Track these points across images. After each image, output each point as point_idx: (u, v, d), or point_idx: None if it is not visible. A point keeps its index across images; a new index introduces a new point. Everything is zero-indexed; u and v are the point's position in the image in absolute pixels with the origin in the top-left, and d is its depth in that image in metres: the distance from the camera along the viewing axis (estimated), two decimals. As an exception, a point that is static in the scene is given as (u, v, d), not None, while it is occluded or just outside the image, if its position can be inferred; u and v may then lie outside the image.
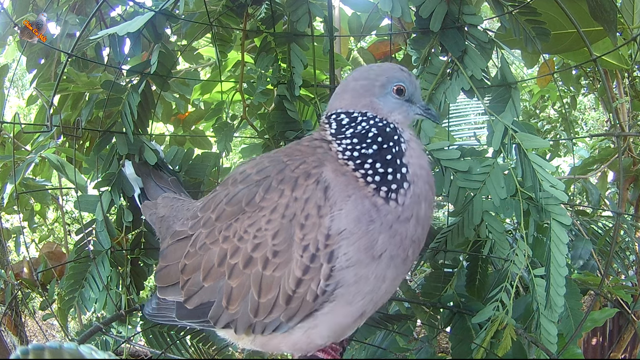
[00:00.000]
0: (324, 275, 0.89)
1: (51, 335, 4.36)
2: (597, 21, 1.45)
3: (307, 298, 0.91)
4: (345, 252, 0.89)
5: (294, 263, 0.91)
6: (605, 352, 2.81)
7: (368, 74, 1.04)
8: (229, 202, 1.01)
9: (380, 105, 1.01)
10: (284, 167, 0.97)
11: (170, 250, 1.12)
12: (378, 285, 0.93)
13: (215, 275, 1.00)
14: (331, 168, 0.94)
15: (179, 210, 1.26)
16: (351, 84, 1.04)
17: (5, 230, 2.92)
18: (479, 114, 4.37)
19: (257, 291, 0.94)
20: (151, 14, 1.44)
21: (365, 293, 0.93)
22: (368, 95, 1.01)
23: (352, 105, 1.01)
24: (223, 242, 0.99)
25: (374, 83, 1.01)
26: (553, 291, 1.26)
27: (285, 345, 1.02)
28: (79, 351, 0.60)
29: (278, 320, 0.95)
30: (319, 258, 0.89)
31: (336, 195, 0.91)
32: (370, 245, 0.89)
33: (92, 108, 1.94)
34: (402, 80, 1.02)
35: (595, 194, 2.60)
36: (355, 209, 0.89)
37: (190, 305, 1.04)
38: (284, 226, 0.92)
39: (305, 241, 0.90)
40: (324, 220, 0.89)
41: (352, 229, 0.89)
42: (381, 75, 1.02)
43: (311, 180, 0.93)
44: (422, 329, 1.98)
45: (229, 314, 0.99)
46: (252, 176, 1.01)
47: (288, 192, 0.93)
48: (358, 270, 0.90)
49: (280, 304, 0.93)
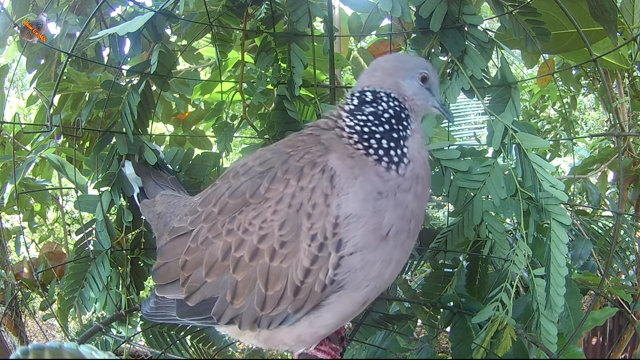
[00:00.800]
0: (333, 264, 0.89)
1: (51, 335, 4.36)
2: (597, 21, 1.45)
3: (316, 288, 0.91)
4: (353, 236, 0.89)
5: (301, 253, 0.90)
6: (605, 352, 2.81)
7: (399, 57, 1.15)
8: (232, 195, 1.00)
9: (405, 87, 1.05)
10: (288, 158, 0.97)
11: (169, 247, 1.10)
12: (384, 269, 0.93)
13: (219, 269, 0.98)
14: (336, 155, 0.95)
15: (175, 206, 1.25)
16: (382, 63, 1.09)
17: (5, 231, 2.92)
18: (479, 114, 4.37)
19: (264, 283, 0.94)
20: (151, 14, 1.44)
21: (370, 279, 0.93)
22: (395, 76, 1.05)
23: (379, 83, 1.04)
24: (227, 235, 0.98)
25: (403, 65, 1.07)
26: (553, 291, 1.26)
27: (289, 337, 1.01)
28: (79, 351, 0.60)
29: (285, 313, 0.94)
30: (327, 247, 0.89)
31: (342, 181, 0.91)
32: (379, 224, 0.90)
33: (92, 108, 1.94)
34: (427, 69, 1.08)
35: (595, 194, 2.60)
36: (362, 190, 0.90)
37: (191, 302, 1.03)
38: (290, 216, 0.91)
39: (313, 230, 0.89)
40: (331, 209, 0.89)
41: (359, 213, 0.89)
42: (410, 61, 1.10)
43: (317, 169, 0.93)
44: (423, 329, 1.98)
45: (234, 309, 0.97)
46: (255, 168, 1.00)
47: (294, 182, 0.93)
48: (365, 255, 0.90)
49: (288, 296, 0.92)
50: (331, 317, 0.97)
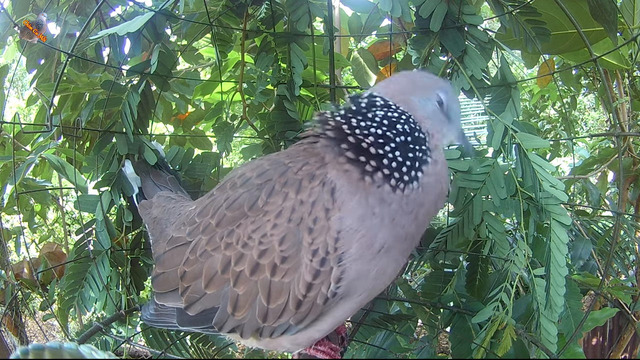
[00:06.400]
0: (335, 278, 0.88)
1: (51, 336, 4.36)
2: (598, 21, 1.45)
3: (318, 301, 0.90)
4: (349, 248, 0.88)
5: (303, 268, 0.89)
6: (605, 352, 2.81)
7: (418, 73, 1.07)
8: (230, 207, 0.98)
9: (417, 105, 0.96)
10: (286, 170, 0.95)
11: (167, 256, 1.09)
12: (377, 279, 0.93)
13: (219, 282, 0.97)
14: (334, 165, 0.92)
15: (171, 213, 1.24)
16: (399, 77, 1.04)
17: (5, 231, 2.91)
18: (479, 114, 4.37)
19: (265, 297, 0.93)
20: (151, 14, 1.44)
21: (363, 288, 0.93)
22: (409, 92, 0.98)
23: (392, 94, 0.97)
24: (225, 249, 0.97)
25: (419, 83, 1.00)
26: (553, 291, 1.26)
27: (286, 341, 1.02)
28: (79, 351, 0.60)
29: (287, 324, 0.94)
30: (329, 261, 0.88)
31: (343, 195, 0.89)
32: (372, 240, 0.88)
33: (92, 108, 1.94)
34: (446, 91, 0.99)
35: (595, 194, 2.60)
36: (360, 207, 0.88)
37: (192, 312, 1.02)
38: (291, 230, 0.90)
39: (314, 245, 0.88)
40: (333, 223, 0.88)
41: (356, 226, 0.88)
42: (428, 79, 1.02)
43: (316, 182, 0.91)
44: (423, 329, 1.98)
45: (236, 320, 0.97)
46: (252, 180, 0.98)
47: (292, 195, 0.91)
48: (359, 267, 0.89)
49: (290, 309, 0.92)
50: (325, 322, 0.97)
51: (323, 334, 1.02)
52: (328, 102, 1.74)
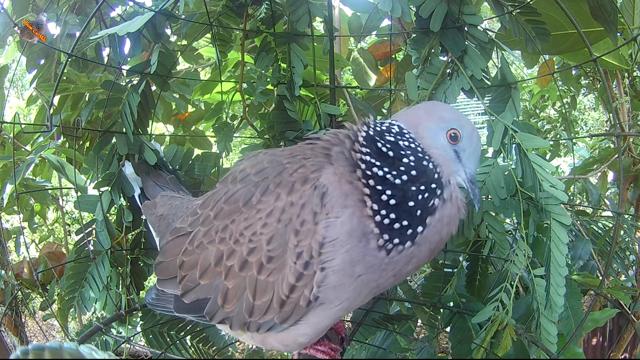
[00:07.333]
0: (317, 282, 0.90)
1: (51, 336, 4.36)
2: (598, 21, 1.45)
3: (301, 303, 0.92)
4: (333, 258, 0.89)
5: (287, 269, 0.91)
6: (605, 352, 2.81)
7: (438, 105, 1.09)
8: (227, 201, 1.02)
9: (426, 136, 0.94)
10: (282, 170, 0.97)
11: (169, 246, 1.14)
12: (354, 295, 0.94)
13: (212, 274, 1.01)
14: (333, 171, 0.92)
15: (178, 208, 1.27)
16: (419, 107, 1.05)
17: (5, 231, 2.92)
18: (479, 114, 4.36)
19: (252, 294, 0.96)
20: (151, 14, 1.44)
21: (344, 298, 0.94)
22: (422, 117, 0.97)
23: (409, 122, 0.97)
24: (219, 243, 1.00)
25: (433, 111, 0.99)
26: (553, 291, 1.26)
27: (274, 340, 1.04)
28: (79, 351, 0.60)
29: (272, 322, 0.97)
30: (312, 265, 0.89)
31: (333, 201, 0.89)
32: (353, 264, 0.89)
33: (92, 108, 1.94)
34: (462, 127, 0.94)
35: (595, 194, 2.60)
36: (350, 223, 0.88)
37: (187, 299, 1.06)
38: (279, 231, 0.92)
39: (299, 248, 0.90)
40: (319, 228, 0.88)
41: (344, 239, 0.88)
42: (444, 110, 0.99)
43: (308, 186, 0.92)
44: (423, 329, 1.98)
45: (225, 312, 1.00)
46: (250, 176, 1.01)
47: (284, 196, 0.93)
48: (340, 278, 0.90)
49: (275, 307, 0.94)
50: (307, 327, 0.99)
51: (310, 339, 1.04)
52: (328, 102, 1.74)
